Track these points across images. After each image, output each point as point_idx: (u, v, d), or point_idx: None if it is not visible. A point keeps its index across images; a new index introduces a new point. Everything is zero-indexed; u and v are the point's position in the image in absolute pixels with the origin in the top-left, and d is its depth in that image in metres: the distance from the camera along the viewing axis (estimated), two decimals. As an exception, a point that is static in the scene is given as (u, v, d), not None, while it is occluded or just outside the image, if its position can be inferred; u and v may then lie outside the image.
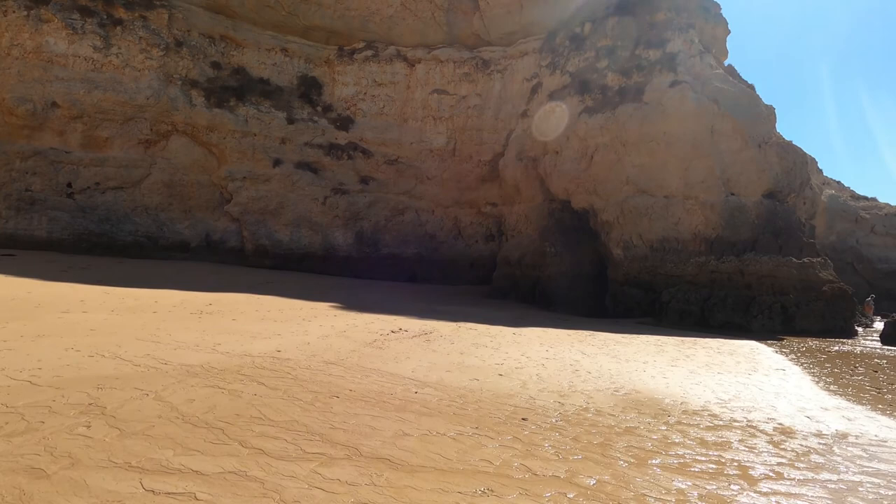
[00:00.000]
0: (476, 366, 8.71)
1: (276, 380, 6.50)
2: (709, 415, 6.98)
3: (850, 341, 19.22)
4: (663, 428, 6.17)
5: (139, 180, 28.37)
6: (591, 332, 15.33)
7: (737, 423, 6.69)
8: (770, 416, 7.13)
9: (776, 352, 14.90)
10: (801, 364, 12.78)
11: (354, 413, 5.45)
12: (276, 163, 30.40)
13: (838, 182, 47.67)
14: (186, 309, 11.74)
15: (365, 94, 33.20)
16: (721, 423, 6.66)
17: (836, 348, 16.66)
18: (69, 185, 26.97)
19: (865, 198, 47.34)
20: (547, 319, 18.94)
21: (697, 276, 23.04)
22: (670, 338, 15.77)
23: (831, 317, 21.41)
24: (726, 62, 30.39)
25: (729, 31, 30.44)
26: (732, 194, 23.92)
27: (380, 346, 9.41)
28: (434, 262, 31.91)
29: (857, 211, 44.78)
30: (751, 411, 7.34)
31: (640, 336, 15.60)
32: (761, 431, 6.43)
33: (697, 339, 16.39)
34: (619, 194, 24.90)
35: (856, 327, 22.30)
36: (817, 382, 10.29)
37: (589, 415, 6.40)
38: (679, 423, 6.46)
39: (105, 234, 26.99)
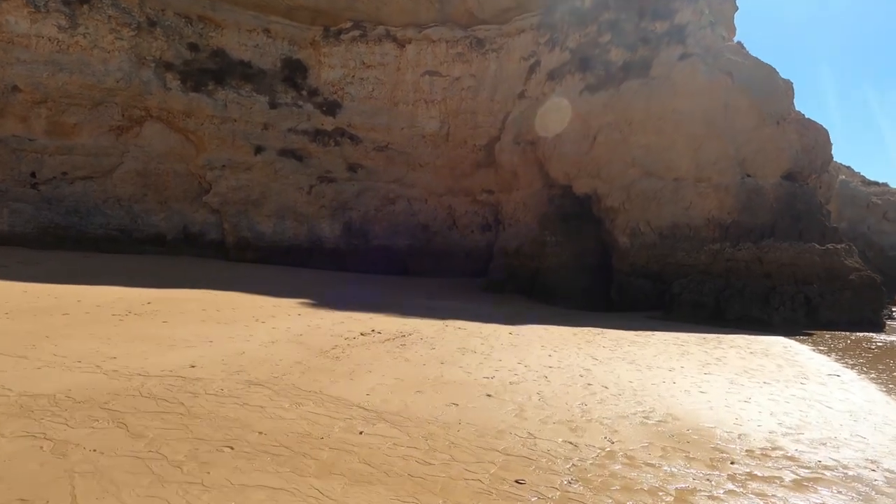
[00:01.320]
0: (458, 381, 6.54)
1: (153, 417, 4.37)
2: (784, 457, 4.79)
3: (882, 335, 17.06)
4: (732, 487, 3.98)
5: (110, 169, 26.12)
6: (600, 329, 13.14)
7: (828, 472, 4.51)
8: (867, 457, 4.95)
9: (814, 350, 12.72)
10: (852, 366, 10.60)
11: (240, 485, 3.28)
12: (258, 150, 28.12)
13: (848, 167, 45.27)
14: (112, 309, 9.60)
15: (353, 76, 30.86)
16: (806, 471, 4.48)
17: (878, 343, 14.49)
18: (33, 174, 24.72)
19: (877, 183, 44.98)
20: (547, 315, 16.76)
21: (711, 265, 20.83)
22: (690, 335, 13.59)
23: (858, 308, 19.23)
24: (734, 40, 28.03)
25: (736, 8, 28.00)
26: (748, 176, 21.65)
27: (336, 356, 7.26)
28: (427, 253, 29.71)
29: (868, 196, 42.47)
30: (837, 447, 5.16)
31: (656, 334, 13.41)
32: (871, 485, 4.25)
33: (720, 335, 14.20)
34: (624, 178, 22.65)
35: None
36: (887, 392, 8.13)
37: (617, 466, 4.22)
38: (750, 475, 4.28)
39: (73, 227, 24.78)
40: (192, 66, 28.07)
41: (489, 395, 5.99)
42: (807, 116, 22.75)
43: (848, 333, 17.10)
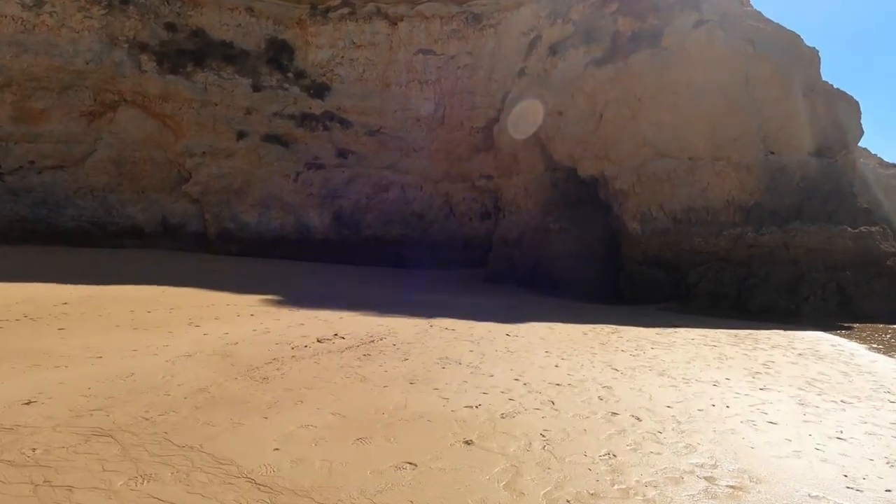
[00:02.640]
0: (428, 415, 4.49)
1: None
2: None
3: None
4: None
5: (82, 158, 24.11)
6: (614, 327, 11.06)
7: None
8: None
9: (869, 349, 10.60)
10: (931, 372, 8.47)
11: None
12: (241, 136, 26.03)
13: (865, 149, 42.68)
14: (4, 313, 7.61)
15: (342, 57, 28.64)
16: None
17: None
18: (-3, 164, 22.76)
19: (894, 164, 42.45)
20: (552, 308, 14.67)
21: (732, 252, 18.65)
22: (717, 332, 11.48)
23: (898, 297, 17.09)
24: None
25: (752, -26, 25.49)
26: (771, 153, 19.40)
27: (266, 376, 5.22)
28: (423, 243, 27.61)
29: (887, 180, 40.00)
30: None
31: (679, 331, 11.31)
32: None
33: (751, 331, 12.10)
34: (634, 158, 20.42)
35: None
36: None
37: None
38: None
39: (42, 220, 22.83)
40: (169, 47, 25.94)
41: (468, 443, 3.93)
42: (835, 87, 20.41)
43: (891, 326, 15.02)
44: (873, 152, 43.29)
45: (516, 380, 5.89)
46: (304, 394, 4.74)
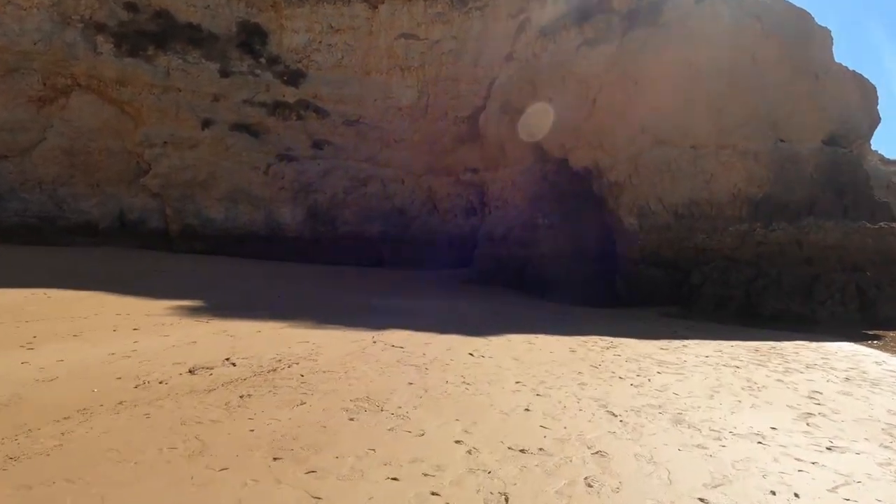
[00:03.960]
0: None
1: None
2: None
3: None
4: None
5: (29, 147, 21.82)
6: (609, 340, 8.94)
7: None
8: None
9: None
10: None
11: None
12: (206, 124, 23.78)
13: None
14: None
15: (319, 42, 26.41)
16: None
17: None
18: (-68, 152, 20.45)
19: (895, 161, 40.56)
20: (537, 315, 12.54)
21: (739, 250, 16.59)
22: (734, 345, 9.38)
23: (925, 300, 15.05)
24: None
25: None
26: (781, 141, 17.36)
27: (15, 453, 3.03)
28: (404, 241, 25.46)
29: (889, 176, 38.13)
30: None
31: (687, 344, 9.19)
32: None
33: (773, 343, 10.02)
34: (631, 147, 18.33)
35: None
36: None
37: None
38: None
39: (-19, 214, 20.54)
40: (129, 28, 23.64)
41: None
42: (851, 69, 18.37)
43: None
44: (872, 148, 41.39)
45: (459, 442, 3.74)
46: (50, 495, 2.57)
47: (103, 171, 22.76)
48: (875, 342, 11.65)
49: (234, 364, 5.39)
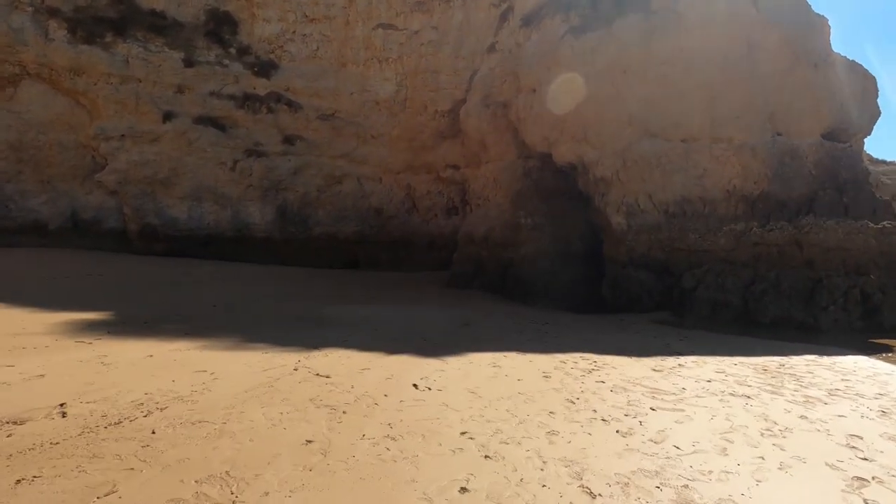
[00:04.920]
0: None
1: None
2: None
3: None
4: None
5: (-28, 140, 19.93)
6: (593, 358, 7.45)
7: None
8: None
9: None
10: None
11: None
12: (168, 117, 22.02)
13: (856, 144, 39.81)
14: None
15: (293, 32, 24.72)
16: None
17: None
18: None
19: (885, 161, 39.65)
20: (514, 324, 11.02)
21: (734, 252, 15.25)
22: (737, 362, 7.95)
23: (934, 306, 13.81)
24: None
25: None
26: (779, 134, 16.05)
27: None
28: (381, 242, 23.88)
29: (877, 176, 37.19)
30: None
31: (684, 362, 7.72)
32: None
33: (780, 359, 8.61)
34: (618, 140, 16.93)
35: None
36: None
37: None
38: None
39: (-85, 212, 18.64)
40: (86, 14, 21.82)
41: None
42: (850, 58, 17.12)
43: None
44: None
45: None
46: None
47: (55, 167, 20.93)
48: (889, 355, 10.32)
49: (64, 414, 3.80)
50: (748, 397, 5.90)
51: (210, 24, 24.35)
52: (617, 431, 4.41)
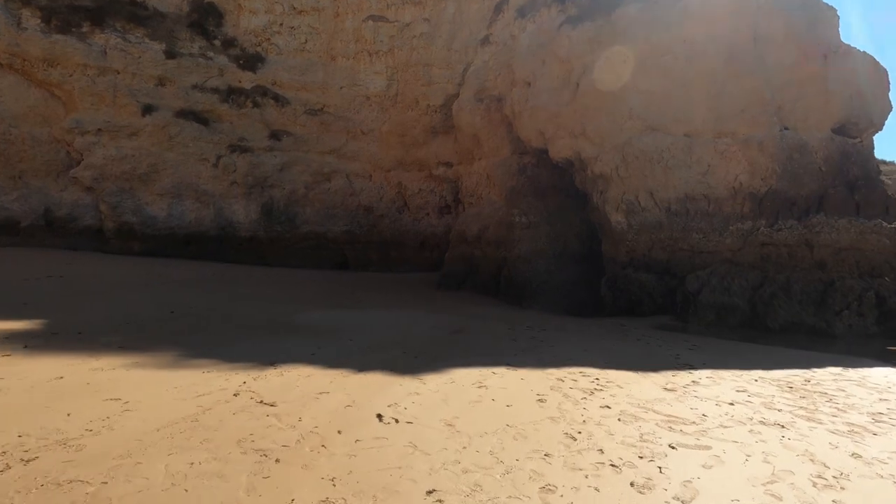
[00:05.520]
0: None
1: None
2: None
3: None
4: None
5: (-62, 133, 18.75)
6: (594, 374, 6.44)
7: None
8: None
9: None
10: None
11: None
12: (148, 110, 20.89)
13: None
14: None
15: (281, 24, 23.61)
16: None
17: None
18: None
19: (884, 161, 38.92)
20: (505, 332, 9.99)
21: (740, 252, 14.29)
22: (758, 377, 6.95)
23: (952, 310, 12.90)
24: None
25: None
26: (786, 128, 15.08)
27: None
28: (371, 242, 22.83)
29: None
30: None
31: (698, 377, 6.71)
32: None
33: (803, 373, 7.61)
34: (618, 135, 15.93)
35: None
36: None
37: None
38: None
39: None
40: (61, 3, 20.65)
41: None
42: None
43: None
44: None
45: None
46: None
47: (27, 162, 19.77)
48: (915, 365, 9.34)
49: None
50: (782, 426, 4.88)
51: (194, 15, 23.20)
52: (632, 484, 3.38)
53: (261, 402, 4.50)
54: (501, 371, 6.41)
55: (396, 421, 4.28)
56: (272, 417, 4.14)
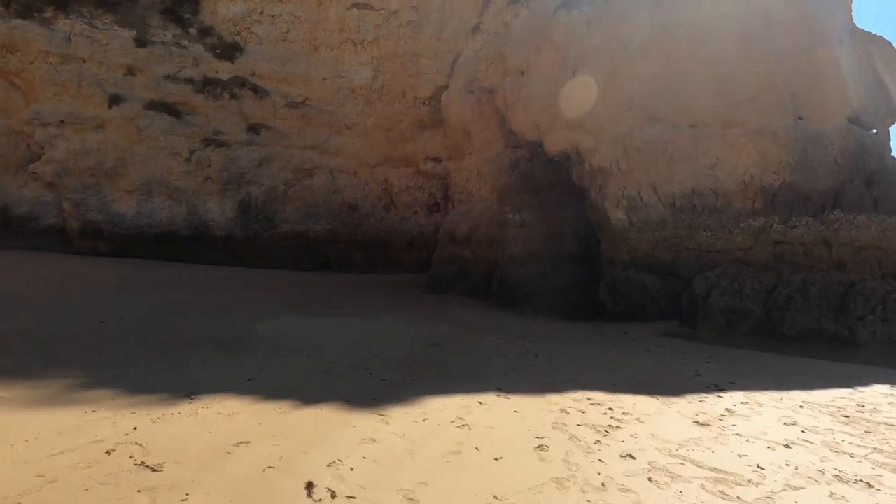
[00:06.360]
0: None
1: None
2: None
3: None
4: None
5: None
6: (606, 399, 5.08)
7: None
8: None
9: None
10: None
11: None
12: (115, 101, 19.35)
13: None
14: None
15: (261, 12, 22.12)
16: None
17: None
18: None
19: None
20: (497, 342, 8.62)
21: (752, 252, 13.03)
22: (800, 402, 5.61)
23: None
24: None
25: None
26: (800, 118, 13.86)
27: None
28: (356, 242, 21.40)
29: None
30: None
31: (732, 405, 5.36)
32: None
33: (849, 393, 6.31)
34: (618, 126, 14.65)
35: None
36: None
37: None
38: None
39: None
40: (22, -14, 19.05)
41: None
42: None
43: None
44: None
45: None
46: None
47: (-18, 156, 18.17)
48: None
49: None
50: (868, 485, 3.54)
51: (168, 2, 21.66)
52: None
53: (141, 464, 3.10)
54: (490, 400, 5.04)
55: (333, 496, 2.90)
56: (144, 495, 2.75)
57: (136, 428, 3.68)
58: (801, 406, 5.58)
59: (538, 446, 3.87)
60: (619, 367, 7.26)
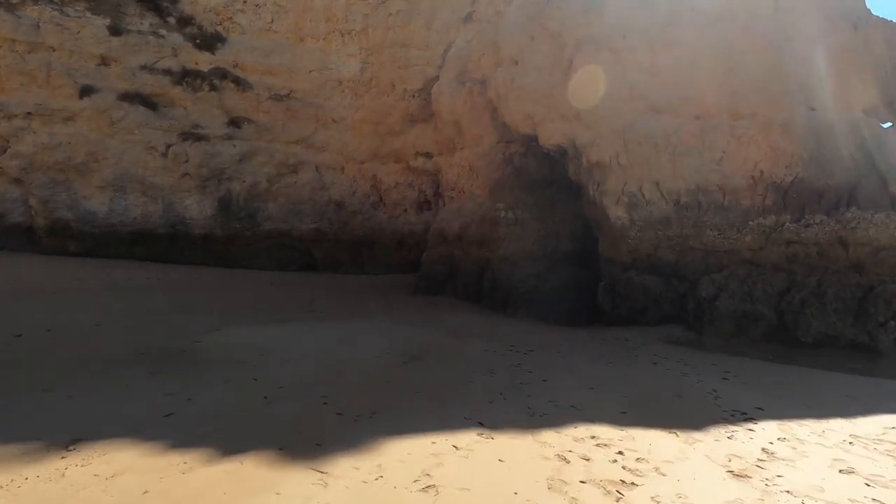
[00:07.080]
0: None
1: None
2: None
3: None
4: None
5: None
6: (612, 439, 3.98)
7: None
8: None
9: None
10: None
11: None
12: (87, 92, 18.13)
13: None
14: None
15: (244, 1, 20.97)
16: None
17: None
18: None
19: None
20: (484, 356, 7.53)
21: (763, 252, 12.00)
22: (848, 438, 4.53)
23: None
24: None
25: None
26: (813, 109, 12.83)
27: None
28: (343, 241, 20.28)
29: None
30: None
31: (769, 445, 4.28)
32: None
33: (886, 422, 5.20)
34: (618, 118, 13.58)
35: None
36: None
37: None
38: None
39: None
40: (-13, -30, 17.80)
41: None
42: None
43: None
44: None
45: None
46: None
47: (-57, 150, 16.93)
48: None
49: None
50: None
51: (146, -10, 20.43)
52: None
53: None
54: (468, 441, 3.94)
55: None
56: None
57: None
58: (850, 443, 4.51)
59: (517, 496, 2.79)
60: (625, 386, 6.20)
